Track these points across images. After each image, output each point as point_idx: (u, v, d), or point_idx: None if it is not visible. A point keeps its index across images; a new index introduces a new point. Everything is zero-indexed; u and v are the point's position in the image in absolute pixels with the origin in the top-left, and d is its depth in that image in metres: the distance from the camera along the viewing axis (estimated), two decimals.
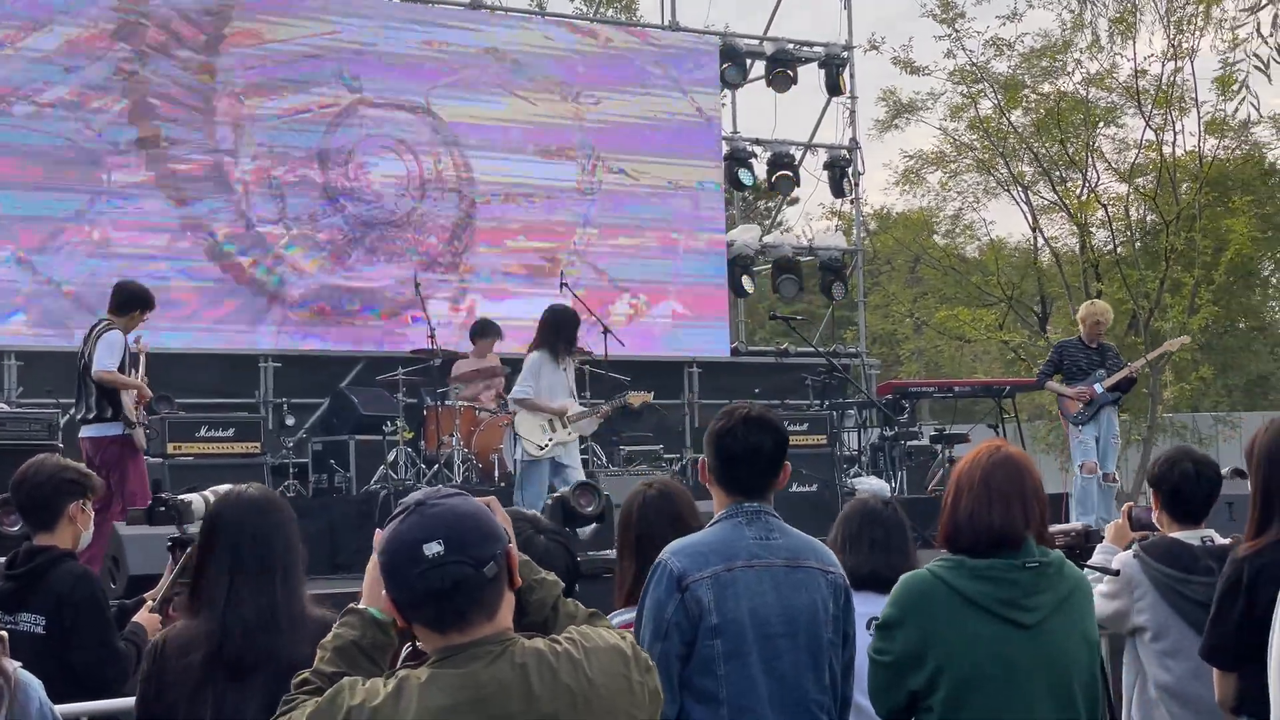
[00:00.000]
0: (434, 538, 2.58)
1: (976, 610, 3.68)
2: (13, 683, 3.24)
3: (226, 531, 3.75)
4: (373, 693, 2.56)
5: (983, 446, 3.85)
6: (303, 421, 14.48)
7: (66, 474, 5.00)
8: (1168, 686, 4.80)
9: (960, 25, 24.84)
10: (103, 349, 9.20)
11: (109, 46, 14.08)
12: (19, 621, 4.74)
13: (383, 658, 2.77)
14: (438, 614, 2.60)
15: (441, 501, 2.65)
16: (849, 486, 13.65)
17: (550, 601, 2.88)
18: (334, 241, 14.97)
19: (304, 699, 2.66)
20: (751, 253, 17.69)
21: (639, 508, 4.48)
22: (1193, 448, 5.15)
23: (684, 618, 3.88)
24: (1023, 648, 3.68)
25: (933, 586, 3.74)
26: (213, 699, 3.56)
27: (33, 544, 4.98)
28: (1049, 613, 3.72)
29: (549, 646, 2.65)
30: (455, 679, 2.55)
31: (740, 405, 4.15)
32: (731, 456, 4.05)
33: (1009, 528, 3.71)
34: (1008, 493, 3.73)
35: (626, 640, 2.79)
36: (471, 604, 2.60)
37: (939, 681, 3.68)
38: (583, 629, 2.76)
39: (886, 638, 3.78)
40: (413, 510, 2.64)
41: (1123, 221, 25.78)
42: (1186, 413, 26.76)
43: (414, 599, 2.60)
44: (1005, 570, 3.70)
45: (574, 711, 2.60)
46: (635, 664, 2.75)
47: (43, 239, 13.69)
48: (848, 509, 4.73)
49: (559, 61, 16.32)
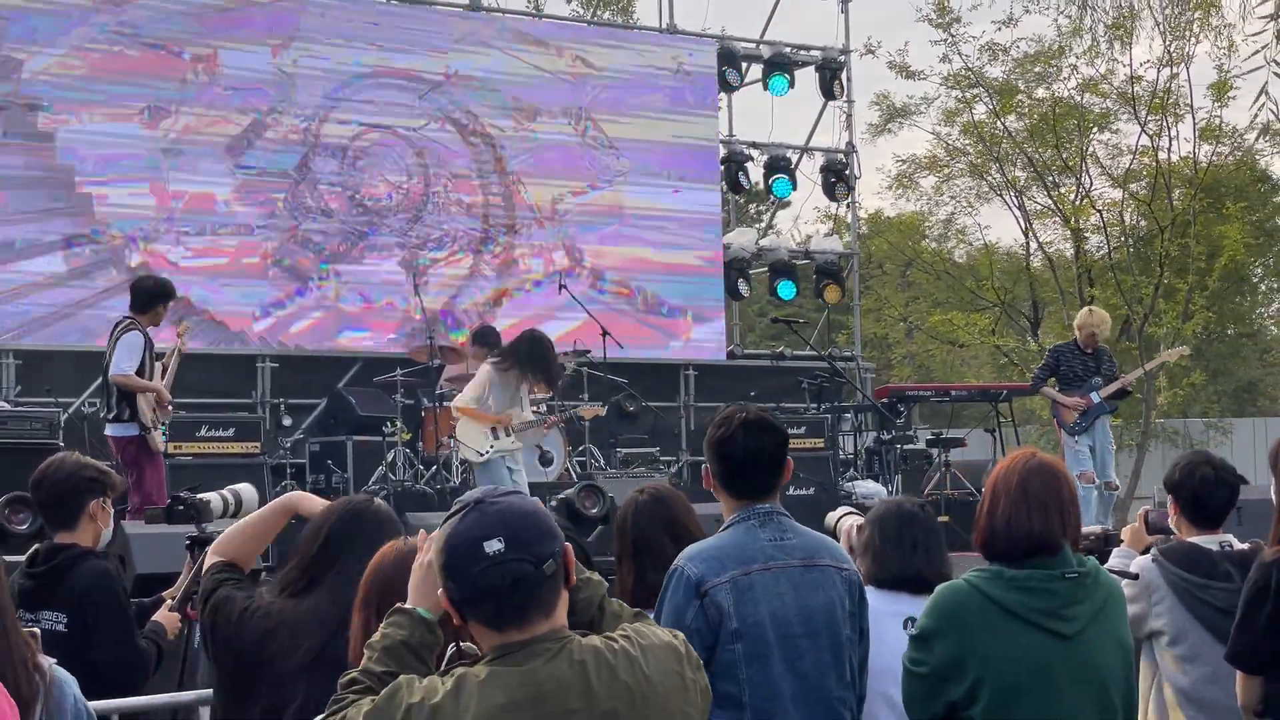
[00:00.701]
0: (494, 535, 2.59)
1: (1015, 621, 3.69)
2: (48, 679, 3.23)
3: (371, 534, 3.69)
4: (431, 690, 2.56)
5: (1018, 454, 3.86)
6: (300, 422, 14.47)
7: (87, 472, 5.00)
8: (1185, 690, 4.81)
9: (956, 30, 24.90)
10: (121, 351, 9.30)
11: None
12: (40, 620, 4.73)
13: (430, 657, 2.77)
14: (496, 611, 2.61)
15: (500, 499, 2.65)
16: (845, 490, 13.68)
17: (597, 600, 2.89)
18: (335, 240, 14.97)
19: (354, 698, 2.65)
20: (748, 256, 17.69)
21: (633, 514, 4.50)
22: (1210, 453, 5.16)
23: (704, 624, 3.89)
24: (1062, 658, 3.69)
25: (970, 597, 3.74)
26: (306, 686, 3.53)
27: (53, 542, 4.97)
28: (1087, 622, 3.73)
29: (606, 644, 2.65)
30: (514, 677, 2.56)
31: (736, 410, 4.14)
32: (734, 463, 4.06)
33: (1047, 534, 3.72)
34: (1045, 499, 3.74)
35: (678, 638, 2.79)
36: (530, 601, 2.61)
37: (978, 693, 3.68)
38: (636, 626, 2.77)
39: (923, 648, 3.78)
40: (472, 508, 2.64)
41: (1117, 227, 25.85)
42: (1178, 418, 26.83)
43: (474, 596, 2.60)
44: (1044, 581, 3.71)
45: (632, 708, 2.60)
46: (688, 661, 2.76)
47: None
48: (881, 510, 4.73)
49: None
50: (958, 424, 19.37)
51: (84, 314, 13.41)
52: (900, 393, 15.93)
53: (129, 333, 9.35)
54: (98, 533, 5.03)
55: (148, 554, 7.52)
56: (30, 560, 4.98)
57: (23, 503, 6.78)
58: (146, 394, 9.27)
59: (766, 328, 31.73)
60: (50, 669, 3.26)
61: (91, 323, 12.96)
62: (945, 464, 13.96)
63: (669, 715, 2.66)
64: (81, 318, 13.39)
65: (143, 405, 9.28)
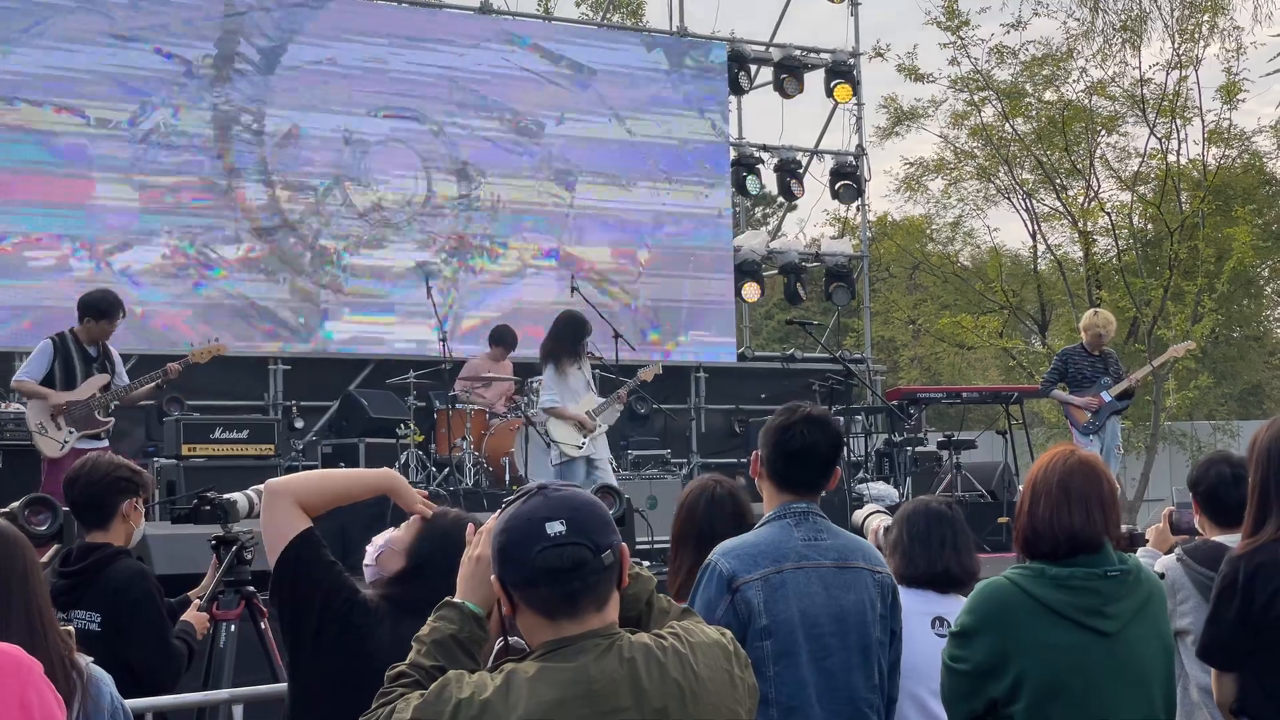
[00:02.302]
0: (557, 518, 2.60)
1: (1058, 619, 3.68)
2: (85, 677, 3.25)
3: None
4: (481, 686, 2.54)
5: (1056, 451, 3.85)
6: (311, 424, 14.48)
7: (120, 472, 5.02)
8: (1210, 689, 4.81)
9: (965, 33, 24.90)
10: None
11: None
12: (73, 619, 4.74)
13: (479, 652, 2.76)
14: (551, 595, 2.59)
15: (564, 488, 2.68)
16: (856, 492, 13.67)
17: (645, 596, 2.87)
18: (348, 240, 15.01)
19: (403, 692, 2.63)
20: (758, 258, 17.71)
21: (706, 502, 4.48)
22: (1230, 452, 5.17)
23: (733, 619, 3.89)
24: (1104, 656, 3.69)
25: (1012, 595, 3.73)
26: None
27: (86, 541, 4.99)
28: (1129, 620, 3.73)
29: (655, 641, 2.64)
30: (564, 673, 2.54)
31: (801, 404, 4.19)
32: (789, 453, 4.07)
33: (1089, 530, 3.72)
34: (1086, 495, 3.74)
35: (726, 635, 2.79)
36: (586, 589, 2.60)
37: (1020, 691, 3.68)
38: (684, 624, 2.76)
39: (964, 645, 3.77)
40: (536, 493, 2.66)
41: (1125, 229, 25.85)
42: (1185, 421, 26.83)
43: (531, 577, 2.60)
44: (1086, 579, 3.71)
45: (682, 706, 2.60)
46: (736, 659, 2.76)
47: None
48: (909, 509, 4.75)
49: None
50: (965, 427, 19.36)
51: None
52: (911, 395, 15.91)
53: (43, 340, 9.78)
54: (129, 532, 5.05)
55: (169, 555, 7.52)
56: (64, 559, 5.00)
57: (42, 504, 6.80)
58: (35, 399, 9.57)
59: (773, 330, 31.76)
60: (87, 667, 3.27)
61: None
62: (956, 466, 13.95)
63: (718, 713, 2.66)
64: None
65: (30, 410, 9.66)
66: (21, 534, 3.27)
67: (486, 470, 12.24)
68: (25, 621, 3.12)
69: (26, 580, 3.18)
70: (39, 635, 3.13)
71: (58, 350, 9.63)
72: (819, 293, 18.63)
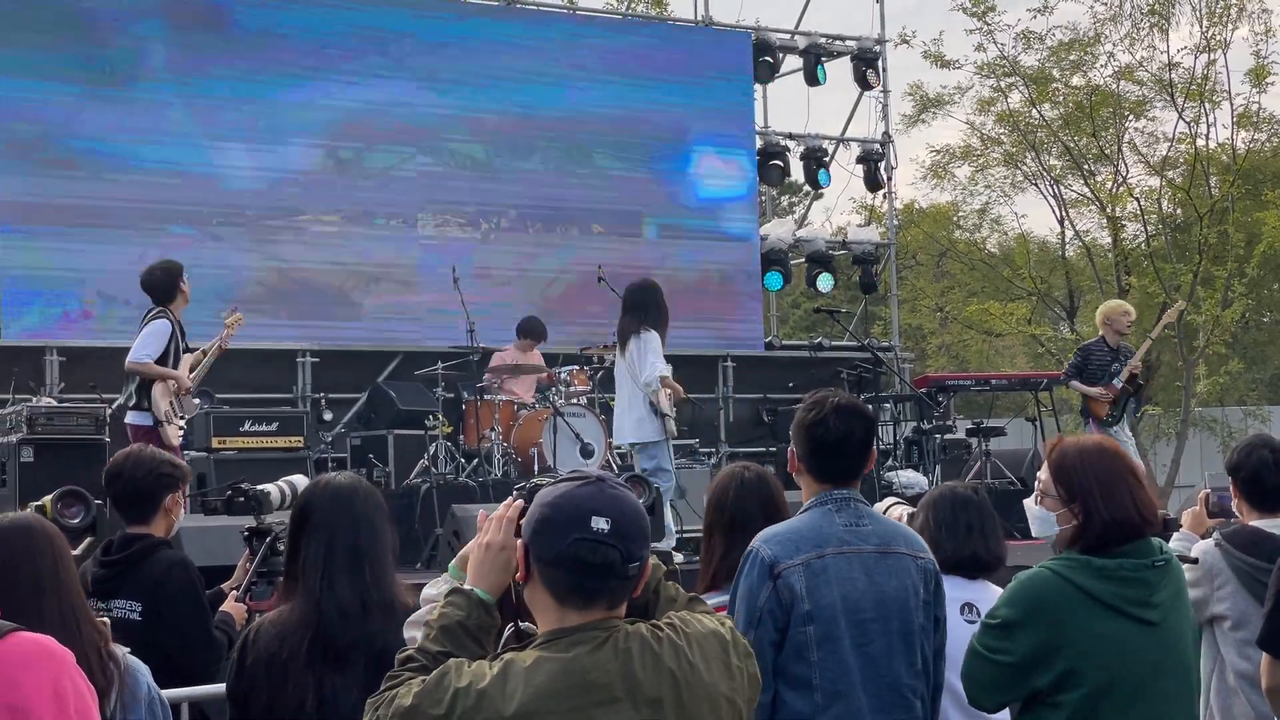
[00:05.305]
0: (605, 515, 2.63)
1: (1104, 610, 3.67)
2: (122, 667, 3.26)
3: (318, 519, 3.72)
4: (479, 675, 2.59)
5: (1086, 443, 3.84)
6: (340, 416, 14.51)
7: (162, 467, 5.06)
8: (1248, 675, 4.79)
9: (991, 19, 24.79)
10: (142, 338, 9.24)
11: None
12: (112, 608, 4.76)
13: (487, 639, 2.79)
14: (568, 583, 2.64)
15: (619, 487, 2.71)
16: (885, 480, 13.64)
17: (652, 584, 2.89)
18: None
19: (408, 676, 2.68)
20: (785, 247, 17.68)
21: (737, 489, 4.48)
22: (1271, 436, 5.14)
23: (776, 605, 3.90)
24: (1153, 645, 3.69)
25: (1057, 586, 3.71)
26: (314, 685, 3.54)
27: (128, 532, 5.00)
28: (1169, 609, 3.73)
29: (651, 632, 2.68)
30: (560, 664, 2.59)
31: (828, 394, 4.17)
32: (823, 445, 4.06)
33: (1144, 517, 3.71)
34: (1133, 484, 3.75)
35: (725, 625, 2.82)
36: (603, 590, 2.65)
37: (1070, 682, 3.66)
38: (682, 615, 2.79)
39: (1006, 637, 3.74)
40: (594, 481, 2.69)
41: (1154, 214, 25.72)
42: (1216, 406, 26.69)
43: (558, 559, 2.64)
44: (1135, 569, 3.70)
45: (677, 696, 2.64)
46: (734, 649, 2.79)
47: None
48: (935, 495, 4.74)
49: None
50: (994, 414, 19.29)
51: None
52: (940, 382, 15.86)
53: (156, 320, 9.27)
54: (170, 525, 5.08)
55: (200, 546, 7.54)
56: (105, 549, 5.01)
57: (75, 497, 6.81)
58: (165, 382, 9.09)
59: (800, 319, 31.70)
60: (124, 657, 3.29)
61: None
62: (985, 453, 13.91)
63: (714, 703, 2.69)
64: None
65: (157, 394, 9.09)
66: (52, 526, 3.30)
67: (515, 461, 12.23)
68: (57, 613, 3.14)
69: (57, 573, 3.21)
70: (71, 626, 3.15)
71: (174, 331, 9.23)
72: (845, 281, 18.58)
